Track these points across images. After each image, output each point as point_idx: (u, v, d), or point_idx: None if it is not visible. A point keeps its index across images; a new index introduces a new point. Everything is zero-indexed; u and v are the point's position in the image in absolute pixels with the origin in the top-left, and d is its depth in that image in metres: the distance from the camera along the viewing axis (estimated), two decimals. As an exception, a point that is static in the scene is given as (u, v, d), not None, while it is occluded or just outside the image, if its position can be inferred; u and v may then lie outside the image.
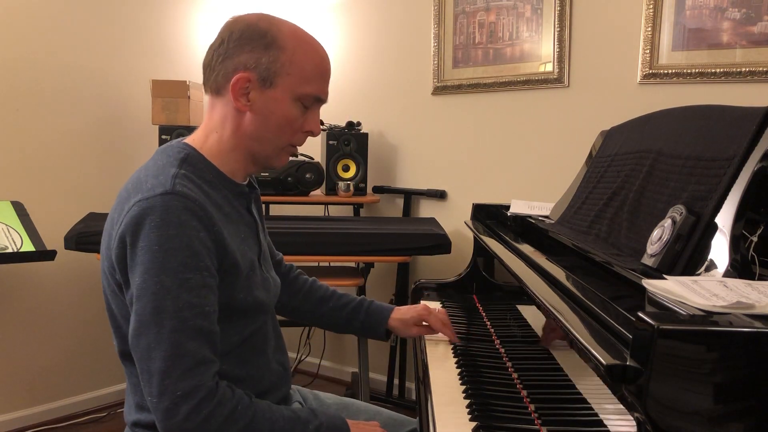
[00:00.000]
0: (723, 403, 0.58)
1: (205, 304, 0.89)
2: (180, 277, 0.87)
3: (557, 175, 2.15)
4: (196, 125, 2.50)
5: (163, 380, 0.85)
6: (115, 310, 0.98)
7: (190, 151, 1.00)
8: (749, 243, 0.82)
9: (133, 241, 0.88)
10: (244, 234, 1.03)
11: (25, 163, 2.33)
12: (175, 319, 0.86)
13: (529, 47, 2.31)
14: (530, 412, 0.95)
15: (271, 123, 0.99)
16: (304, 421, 0.97)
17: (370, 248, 2.07)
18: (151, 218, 0.87)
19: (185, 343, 0.86)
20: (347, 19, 2.84)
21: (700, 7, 1.90)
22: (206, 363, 0.88)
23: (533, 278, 1.07)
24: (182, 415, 0.84)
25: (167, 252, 0.87)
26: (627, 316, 0.73)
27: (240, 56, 0.97)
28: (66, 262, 2.36)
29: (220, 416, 0.87)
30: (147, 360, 0.87)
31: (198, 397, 0.85)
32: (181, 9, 2.74)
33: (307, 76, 0.99)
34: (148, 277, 0.86)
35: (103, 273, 0.98)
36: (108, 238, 0.95)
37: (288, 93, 0.98)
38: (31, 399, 2.40)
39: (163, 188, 0.89)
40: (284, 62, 0.97)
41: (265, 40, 0.97)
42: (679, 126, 1.09)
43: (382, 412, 1.27)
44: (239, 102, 0.98)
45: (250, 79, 0.97)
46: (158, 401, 0.85)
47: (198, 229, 0.90)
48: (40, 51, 2.33)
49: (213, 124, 1.02)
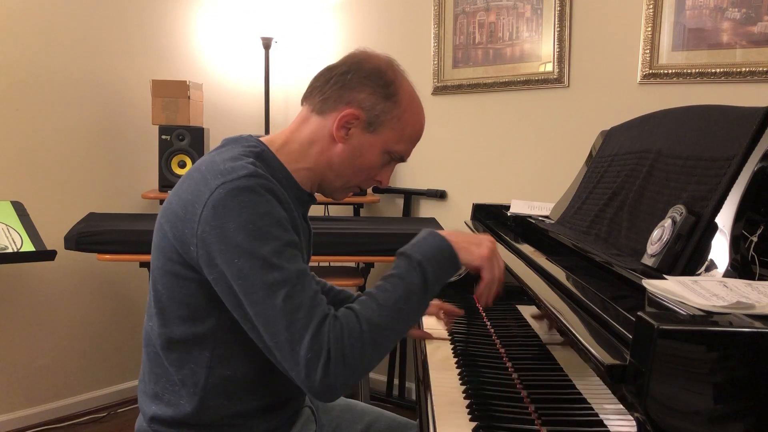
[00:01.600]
0: (723, 403, 0.58)
1: (306, 269, 0.91)
2: (279, 249, 0.88)
3: (557, 175, 2.15)
4: (196, 125, 2.53)
5: (294, 349, 0.85)
6: (163, 291, 0.98)
7: (264, 148, 1.02)
8: (749, 243, 0.82)
9: (223, 223, 0.88)
10: (300, 238, 1.03)
11: (25, 163, 2.33)
12: (288, 288, 0.86)
13: (529, 47, 2.31)
14: (530, 412, 0.95)
15: (355, 163, 1.03)
16: (407, 273, 0.93)
17: (370, 248, 2.07)
18: (238, 199, 0.88)
19: (301, 308, 0.86)
20: (347, 19, 2.84)
21: (700, 7, 1.90)
22: (323, 318, 0.87)
23: (533, 278, 1.07)
24: (319, 376, 0.85)
25: (261, 229, 0.88)
26: (627, 316, 0.73)
27: (359, 93, 1.01)
28: (66, 262, 2.36)
29: (346, 349, 0.86)
30: (273, 336, 0.86)
31: (324, 354, 0.85)
32: (181, 9, 2.74)
33: (404, 137, 1.05)
34: (248, 257, 0.87)
35: (160, 253, 0.97)
36: (179, 220, 0.93)
37: (383, 144, 1.03)
38: (31, 399, 2.40)
39: (246, 171, 0.91)
40: (394, 117, 1.02)
41: (388, 90, 1.02)
42: (679, 126, 1.09)
43: (383, 414, 1.27)
44: (339, 133, 1.01)
45: (359, 117, 1.00)
46: (297, 373, 0.86)
47: (280, 207, 0.92)
48: (40, 51, 2.33)
49: (299, 136, 1.04)
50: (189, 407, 0.99)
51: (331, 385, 0.86)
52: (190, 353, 0.98)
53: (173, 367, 0.99)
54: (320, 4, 2.91)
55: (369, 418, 1.24)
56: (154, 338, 1.01)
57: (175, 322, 0.98)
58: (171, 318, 0.98)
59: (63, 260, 2.24)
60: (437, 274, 0.95)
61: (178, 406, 0.99)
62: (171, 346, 0.99)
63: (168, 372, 1.00)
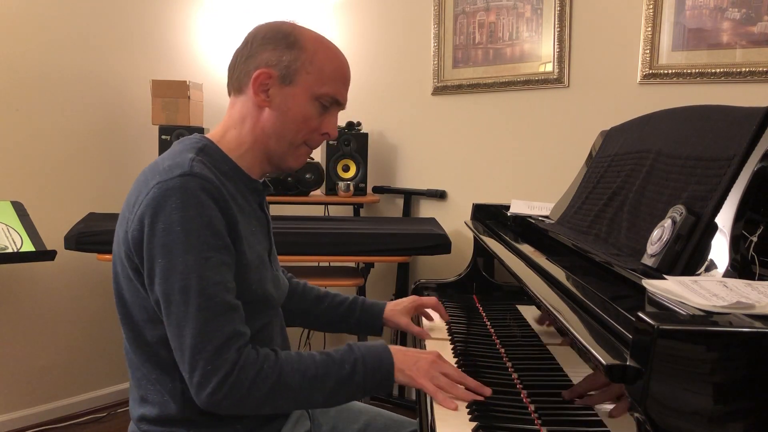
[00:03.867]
0: (723, 403, 0.58)
1: (228, 280, 0.92)
2: (203, 255, 0.89)
3: (557, 175, 2.15)
4: (196, 125, 2.53)
5: (194, 356, 0.88)
6: (127, 297, 0.99)
7: (206, 142, 1.02)
8: (749, 243, 0.82)
9: (153, 222, 0.89)
10: (254, 228, 1.05)
11: (25, 163, 2.33)
12: (202, 297, 0.88)
13: (529, 47, 2.31)
14: (530, 412, 0.95)
15: (288, 119, 1.02)
16: (339, 361, 0.96)
17: (370, 248, 2.07)
18: (171, 199, 0.89)
19: (213, 320, 0.88)
20: (347, 19, 2.84)
21: (700, 7, 1.90)
22: (235, 336, 0.90)
23: (533, 278, 1.07)
24: (211, 388, 0.87)
25: (189, 232, 0.89)
26: (627, 316, 0.73)
27: (263, 54, 1.01)
28: (66, 262, 2.36)
29: (246, 380, 0.89)
30: (179, 337, 0.89)
31: (224, 369, 0.88)
32: (181, 9, 2.74)
33: (325, 77, 1.02)
34: (172, 258, 0.88)
35: (117, 259, 0.99)
36: (125, 222, 0.96)
37: (307, 91, 1.01)
38: (31, 399, 2.40)
39: (181, 170, 0.91)
40: (305, 61, 1.00)
41: (288, 40, 1.01)
42: (679, 126, 1.09)
43: (382, 413, 1.27)
44: (259, 97, 1.01)
45: (271, 75, 1.00)
46: (190, 376, 0.89)
47: (215, 209, 0.92)
48: (40, 51, 2.33)
49: (231, 122, 1.05)
50: (173, 405, 1.00)
51: (216, 402, 0.89)
52: (158, 354, 0.99)
53: (146, 368, 1.00)
54: (320, 4, 2.91)
55: (366, 417, 1.24)
56: (127, 343, 1.03)
57: (140, 325, 0.99)
58: (136, 322, 0.99)
59: (63, 260, 2.23)
60: (366, 380, 0.96)
61: (163, 404, 1.00)
62: (141, 348, 1.00)
63: (145, 374, 1.01)
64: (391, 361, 0.98)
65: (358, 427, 1.22)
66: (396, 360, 0.99)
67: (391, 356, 0.99)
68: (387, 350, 1.00)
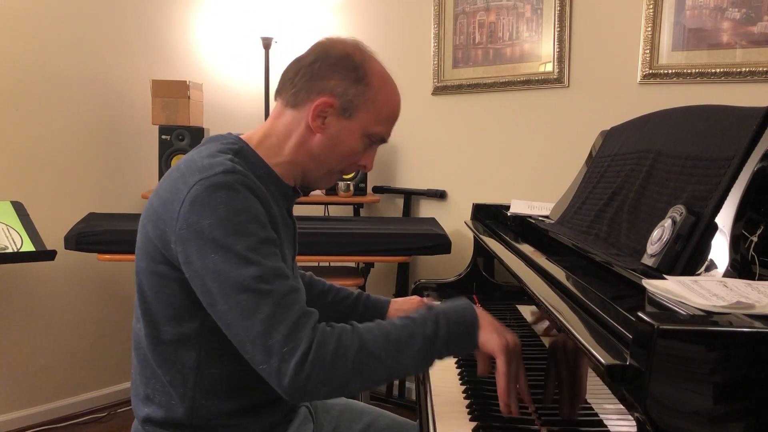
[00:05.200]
0: (723, 403, 0.58)
1: (283, 267, 0.91)
2: (255, 245, 0.88)
3: (557, 175, 2.15)
4: (196, 125, 2.53)
5: (267, 342, 0.84)
6: (149, 292, 0.98)
7: (243, 145, 1.02)
8: (749, 243, 0.82)
9: (200, 219, 0.88)
10: (283, 234, 1.04)
11: (25, 163, 2.33)
12: (263, 283, 0.86)
13: (529, 47, 2.31)
14: (530, 412, 0.95)
15: (336, 150, 1.03)
16: (420, 321, 0.93)
17: (370, 248, 2.07)
18: (215, 195, 0.89)
19: (279, 304, 0.86)
20: (347, 19, 2.84)
21: (700, 7, 1.90)
22: (305, 315, 0.88)
23: (533, 278, 1.07)
24: (292, 370, 0.84)
25: (238, 225, 0.88)
26: (627, 316, 0.73)
27: (329, 81, 1.00)
28: (66, 262, 2.36)
29: (327, 354, 0.85)
30: (245, 330, 0.86)
31: (301, 348, 0.84)
32: (181, 9, 2.74)
33: (382, 118, 1.03)
34: (224, 252, 0.87)
35: (144, 253, 0.98)
36: (159, 219, 0.94)
37: (361, 128, 1.02)
38: (31, 399, 2.40)
39: (224, 167, 0.91)
40: (367, 99, 1.01)
41: (357, 73, 1.01)
42: (679, 126, 1.09)
43: (384, 414, 1.27)
44: (315, 123, 1.01)
45: (332, 105, 1.00)
46: (267, 365, 0.85)
47: (258, 204, 0.92)
48: (40, 51, 2.33)
49: (275, 130, 1.05)
50: (181, 408, 0.98)
51: (301, 385, 0.84)
52: (177, 354, 0.98)
53: (161, 369, 0.99)
54: (320, 4, 2.91)
55: (368, 418, 1.23)
56: (142, 340, 1.01)
57: (162, 323, 0.97)
58: (157, 319, 0.98)
59: (63, 260, 2.23)
60: (450, 336, 0.92)
61: (169, 407, 0.99)
62: (158, 347, 0.99)
63: (157, 374, 1.00)
64: (474, 317, 0.95)
65: (360, 428, 1.21)
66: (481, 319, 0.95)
67: (474, 313, 0.96)
68: (470, 305, 0.97)
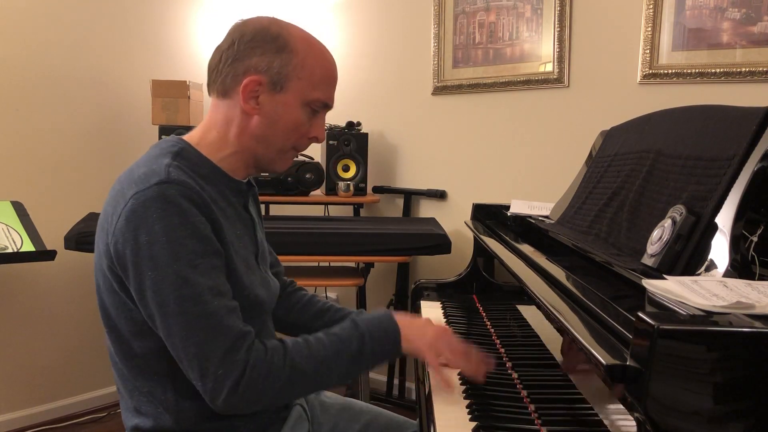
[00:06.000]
0: (723, 403, 0.58)
1: (221, 283, 0.91)
2: (192, 263, 0.87)
3: (557, 175, 2.15)
4: (196, 125, 2.51)
5: (203, 364, 0.86)
6: (110, 308, 0.97)
7: (183, 145, 0.99)
8: (749, 243, 0.82)
9: (136, 235, 0.87)
10: (240, 231, 1.02)
11: (25, 163, 2.33)
12: (199, 304, 0.87)
13: (529, 47, 2.31)
14: (530, 412, 0.95)
15: (278, 127, 0.99)
16: (347, 338, 0.97)
17: (370, 248, 2.07)
18: (150, 210, 0.86)
19: (215, 325, 0.87)
20: (347, 19, 2.84)
21: (700, 7, 1.90)
22: (241, 336, 0.89)
23: (533, 278, 1.07)
24: (226, 392, 0.86)
25: (174, 241, 0.86)
26: (627, 316, 0.73)
27: (251, 59, 0.96)
28: (66, 262, 2.36)
29: (260, 377, 0.88)
30: (183, 349, 0.87)
31: (236, 371, 0.87)
32: (181, 9, 2.74)
33: (316, 82, 0.99)
34: (161, 270, 0.86)
35: (99, 270, 0.97)
36: (104, 234, 0.93)
37: (297, 98, 0.98)
38: (31, 399, 2.40)
39: (158, 177, 0.89)
40: (295, 66, 0.97)
41: (277, 43, 0.96)
42: (679, 126, 1.09)
43: (382, 413, 1.27)
44: (248, 105, 0.97)
45: (261, 82, 0.96)
46: (203, 384, 0.87)
47: (198, 214, 0.89)
48: (40, 51, 2.33)
49: (213, 124, 1.02)
50: (168, 416, 0.97)
51: (233, 404, 0.88)
52: (149, 365, 0.97)
53: (138, 381, 0.98)
54: (320, 4, 2.91)
55: (367, 417, 1.23)
56: (114, 356, 1.00)
57: (127, 337, 0.96)
58: (123, 334, 0.97)
59: (63, 260, 2.23)
60: (374, 352, 0.97)
61: (157, 416, 0.98)
62: (130, 360, 0.98)
63: (136, 386, 0.99)
64: (397, 329, 1.00)
65: (358, 428, 1.21)
66: (402, 328, 1.00)
67: (396, 325, 1.00)
68: (392, 319, 1.00)
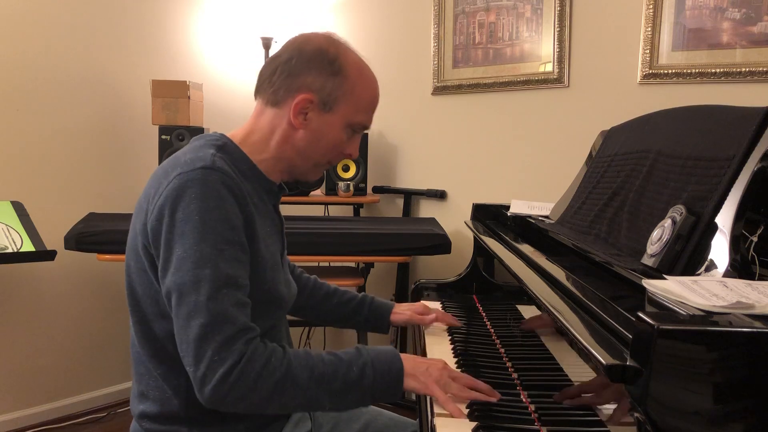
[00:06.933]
0: (723, 403, 0.58)
1: (239, 276, 0.92)
2: (218, 247, 0.89)
3: (557, 175, 2.15)
4: (196, 125, 2.53)
5: (201, 347, 0.86)
6: (138, 290, 1.00)
7: (227, 141, 1.04)
8: (749, 243, 0.82)
9: (173, 211, 0.90)
10: (269, 229, 1.06)
11: (25, 163, 2.33)
12: (214, 288, 0.88)
13: (529, 47, 2.31)
14: (530, 412, 0.95)
15: (320, 143, 1.05)
16: (347, 362, 0.95)
17: (370, 248, 2.07)
18: (191, 190, 0.90)
19: (223, 312, 0.87)
20: (347, 19, 2.84)
21: (700, 7, 1.90)
22: (245, 329, 0.89)
23: (533, 278, 1.07)
24: (216, 380, 0.85)
25: (206, 223, 0.89)
26: (627, 316, 0.73)
27: (306, 77, 1.01)
28: (66, 262, 2.36)
29: (253, 372, 0.87)
30: (186, 328, 0.87)
31: (231, 359, 0.86)
32: (181, 9, 2.74)
33: (362, 107, 1.06)
34: (188, 247, 0.89)
35: (132, 251, 1.00)
36: (143, 214, 0.97)
37: (342, 119, 1.04)
38: (31, 399, 2.40)
39: (203, 163, 0.93)
40: (345, 91, 1.03)
41: (333, 67, 1.02)
42: (679, 126, 1.09)
43: (382, 413, 1.27)
44: (297, 119, 1.02)
45: (312, 101, 1.02)
46: (195, 369, 0.86)
47: (234, 204, 0.93)
48: (40, 51, 2.33)
49: (258, 128, 1.06)
50: (176, 402, 1.00)
51: (221, 395, 0.86)
52: (166, 349, 0.99)
53: (152, 364, 1.01)
54: (320, 4, 2.91)
55: (367, 417, 1.24)
56: (134, 337, 1.04)
57: (150, 318, 0.99)
58: (146, 315, 1.00)
59: (63, 260, 2.23)
60: (374, 387, 0.95)
61: (164, 401, 1.00)
62: (149, 343, 1.01)
63: (149, 369, 1.01)
64: (400, 366, 0.97)
65: (358, 427, 1.22)
66: (406, 366, 0.97)
67: (400, 361, 0.98)
68: (397, 355, 0.99)
